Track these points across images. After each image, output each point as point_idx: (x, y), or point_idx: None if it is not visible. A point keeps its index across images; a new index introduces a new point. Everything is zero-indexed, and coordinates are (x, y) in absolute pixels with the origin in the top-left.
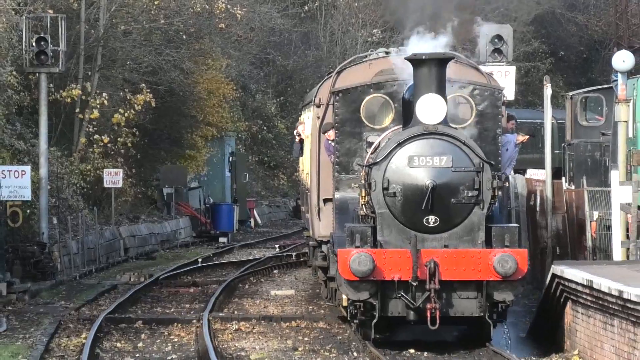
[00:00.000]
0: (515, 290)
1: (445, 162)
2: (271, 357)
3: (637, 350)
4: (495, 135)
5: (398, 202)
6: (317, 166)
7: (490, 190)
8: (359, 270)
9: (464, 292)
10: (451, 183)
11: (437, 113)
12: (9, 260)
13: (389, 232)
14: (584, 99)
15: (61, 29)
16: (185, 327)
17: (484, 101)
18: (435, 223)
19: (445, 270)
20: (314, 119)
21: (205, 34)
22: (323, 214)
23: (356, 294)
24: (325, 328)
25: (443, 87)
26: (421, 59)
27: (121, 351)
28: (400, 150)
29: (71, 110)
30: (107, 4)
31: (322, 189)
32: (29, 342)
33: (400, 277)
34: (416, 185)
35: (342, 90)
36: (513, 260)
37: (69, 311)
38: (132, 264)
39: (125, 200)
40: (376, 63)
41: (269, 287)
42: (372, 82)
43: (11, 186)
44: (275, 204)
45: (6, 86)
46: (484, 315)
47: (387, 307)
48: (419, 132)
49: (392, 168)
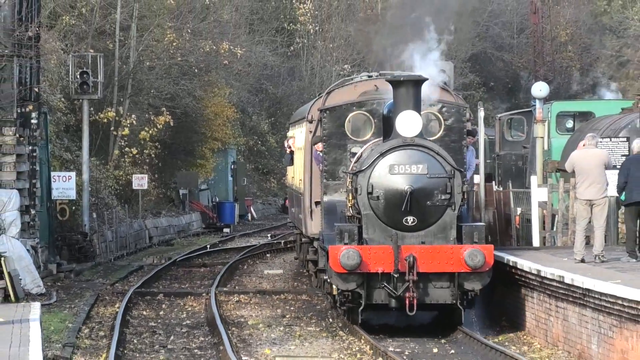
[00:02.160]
0: (482, 280)
1: (421, 169)
2: (265, 322)
3: (552, 317)
4: (461, 146)
5: (381, 204)
6: (309, 174)
7: (460, 194)
8: (347, 264)
9: (438, 282)
10: (427, 188)
11: (414, 127)
12: (58, 246)
13: (373, 231)
14: (509, 120)
15: (100, 65)
16: (197, 299)
17: (451, 117)
18: (413, 223)
19: (422, 264)
20: (307, 133)
21: (212, 69)
22: (314, 214)
23: (345, 285)
24: (307, 300)
25: (419, 104)
26: (400, 80)
27: (146, 318)
28: (383, 159)
29: (107, 128)
30: (135, 45)
31: (313, 193)
32: (74, 311)
33: (384, 270)
34: (396, 189)
35: (330, 108)
36: (481, 254)
37: (105, 286)
38: (155, 249)
39: (150, 199)
40: (361, 85)
41: (263, 267)
42: (355, 101)
43: (60, 188)
44: (267, 202)
45: (56, 109)
46: (455, 302)
47: (372, 296)
48: (399, 143)
49: (376, 175)
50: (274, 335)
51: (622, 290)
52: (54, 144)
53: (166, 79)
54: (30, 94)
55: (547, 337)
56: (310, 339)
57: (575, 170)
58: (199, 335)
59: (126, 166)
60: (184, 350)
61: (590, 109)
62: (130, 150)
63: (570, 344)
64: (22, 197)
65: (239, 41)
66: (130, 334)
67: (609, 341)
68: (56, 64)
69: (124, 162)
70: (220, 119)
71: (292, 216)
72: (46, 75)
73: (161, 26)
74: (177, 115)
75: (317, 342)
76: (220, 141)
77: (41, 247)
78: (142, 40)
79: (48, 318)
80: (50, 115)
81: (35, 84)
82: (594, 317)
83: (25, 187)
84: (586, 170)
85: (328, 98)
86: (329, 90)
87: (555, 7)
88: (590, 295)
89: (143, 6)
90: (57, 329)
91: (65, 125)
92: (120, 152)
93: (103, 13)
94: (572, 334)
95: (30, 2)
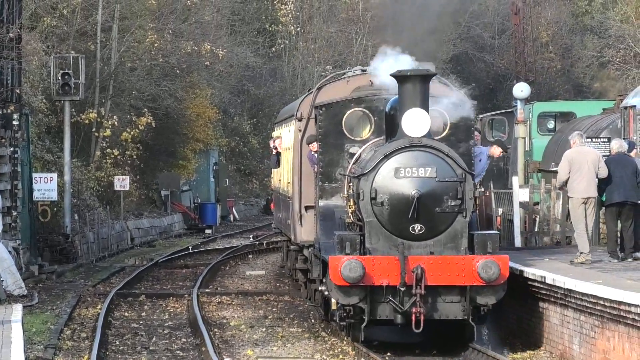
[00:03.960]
0: (497, 294)
1: (429, 173)
2: (247, 323)
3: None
4: (469, 146)
5: (385, 211)
6: (299, 176)
7: (472, 200)
8: (350, 276)
9: (448, 296)
10: (435, 193)
11: (421, 126)
12: (40, 247)
13: (377, 240)
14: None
15: (81, 66)
16: (179, 300)
17: (457, 114)
18: (421, 231)
19: (431, 276)
20: (296, 132)
21: (194, 70)
22: (305, 220)
23: (346, 299)
24: (290, 301)
25: (426, 102)
26: (406, 75)
27: (128, 319)
28: (387, 161)
29: (89, 129)
30: (117, 46)
31: (303, 197)
32: (56, 312)
33: (389, 283)
34: (402, 194)
35: (325, 104)
36: (496, 266)
37: (87, 288)
38: (137, 250)
39: (132, 200)
40: (353, 80)
41: (245, 268)
42: (353, 97)
43: (42, 189)
44: (249, 203)
45: (38, 111)
46: (467, 318)
47: (375, 311)
48: (405, 144)
49: (380, 179)
50: (256, 336)
51: (603, 290)
52: (36, 145)
53: (148, 80)
54: (12, 96)
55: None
56: (292, 340)
57: (571, 169)
58: (181, 336)
59: (108, 167)
60: (166, 351)
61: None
62: (112, 152)
63: (551, 344)
64: (4, 198)
65: (220, 42)
66: (112, 336)
67: (591, 341)
68: (38, 65)
69: (105, 164)
70: (202, 120)
71: (279, 222)
72: (28, 76)
73: (142, 27)
74: (158, 117)
75: (299, 343)
76: (202, 142)
77: (23, 249)
78: (124, 42)
79: (30, 319)
80: (31, 117)
81: (16, 85)
82: (575, 318)
83: (7, 188)
84: (584, 167)
85: (319, 94)
86: (320, 85)
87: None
88: (572, 296)
89: (124, 7)
90: (39, 330)
91: (46, 127)
92: (102, 153)
93: (84, 14)
94: (553, 334)
95: (12, 4)
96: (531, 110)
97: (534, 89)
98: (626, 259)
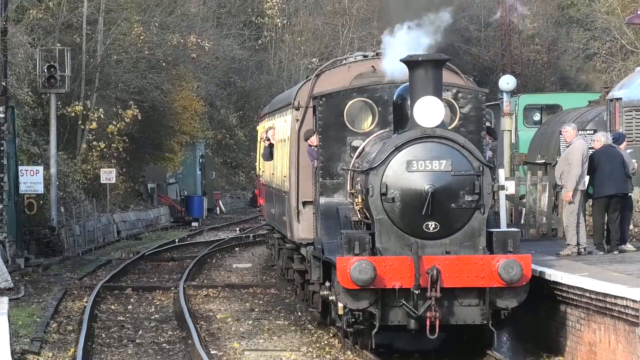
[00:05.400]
0: (519, 297)
1: (444, 166)
2: (233, 316)
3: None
4: (480, 138)
5: (397, 207)
6: (296, 169)
7: (490, 194)
8: (360, 278)
9: (466, 299)
10: (451, 187)
11: (435, 116)
12: (26, 240)
13: (388, 239)
14: None
15: (67, 59)
16: (165, 293)
17: (467, 104)
18: (435, 229)
19: (447, 278)
20: (293, 122)
21: (180, 62)
22: (302, 216)
23: (355, 303)
24: (276, 294)
25: (439, 89)
26: (417, 61)
27: (115, 312)
28: (398, 154)
29: (75, 122)
30: (103, 38)
31: (301, 191)
32: (42, 305)
33: (402, 285)
34: (415, 190)
35: (325, 94)
36: (519, 266)
37: (73, 281)
38: (123, 243)
39: (118, 193)
40: (355, 66)
41: (232, 261)
42: (355, 86)
43: (28, 182)
44: (236, 195)
45: (23, 103)
46: (486, 323)
47: (387, 316)
48: (417, 135)
49: (390, 173)
50: (243, 329)
51: (589, 283)
52: (22, 138)
53: (134, 73)
54: None
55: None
56: (278, 332)
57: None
58: (168, 329)
59: (94, 160)
60: (153, 344)
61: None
62: (98, 144)
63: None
64: None
65: (206, 35)
66: (99, 328)
67: (577, 334)
68: (23, 57)
69: (91, 156)
70: (188, 112)
71: (271, 218)
72: (13, 69)
73: (128, 20)
74: (145, 109)
75: (285, 336)
76: (189, 135)
77: (9, 242)
78: (110, 34)
79: (16, 312)
80: (17, 110)
81: (2, 78)
82: (562, 310)
83: None
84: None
85: (317, 81)
86: (319, 72)
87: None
88: (558, 288)
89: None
90: (25, 323)
91: (32, 120)
92: (88, 146)
93: (70, 7)
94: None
95: None
96: (517, 103)
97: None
98: (612, 251)
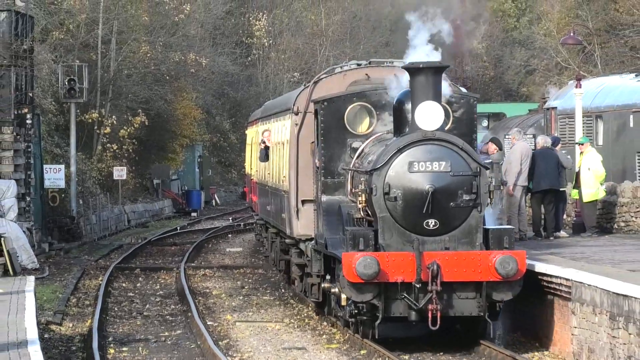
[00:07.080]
0: (513, 290)
1: (444, 167)
2: (227, 292)
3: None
4: (472, 140)
5: (399, 206)
6: (295, 170)
7: (487, 194)
8: (364, 273)
9: (463, 292)
10: (450, 187)
11: (434, 119)
12: (50, 228)
13: (390, 236)
14: None
15: (84, 73)
16: (169, 273)
17: (460, 108)
18: (435, 226)
19: (447, 272)
20: (292, 126)
21: (181, 76)
22: (302, 214)
23: (360, 296)
24: (263, 273)
25: (439, 94)
26: (418, 68)
27: (126, 289)
28: (400, 156)
29: (91, 127)
30: (115, 56)
31: (300, 191)
32: (63, 283)
33: (404, 279)
34: (416, 189)
35: (327, 99)
36: (514, 261)
37: (90, 262)
38: (133, 230)
39: (128, 187)
40: (350, 74)
41: (225, 245)
42: (355, 92)
43: (51, 178)
44: (229, 190)
45: (48, 111)
46: (483, 314)
47: (389, 308)
48: (418, 138)
49: (393, 173)
50: (235, 303)
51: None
52: (46, 140)
53: (142, 85)
54: (25, 98)
55: None
56: (265, 306)
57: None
58: (171, 303)
59: (108, 160)
60: (158, 316)
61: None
62: (111, 146)
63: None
64: (19, 186)
65: (204, 53)
66: (112, 303)
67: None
68: (47, 72)
69: (105, 156)
70: (188, 119)
71: (266, 214)
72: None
73: (137, 40)
74: (151, 116)
75: (271, 309)
76: (188, 138)
77: (35, 229)
78: (121, 52)
79: (41, 289)
80: (42, 117)
81: (29, 89)
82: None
83: (22, 177)
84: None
85: (315, 88)
86: (317, 79)
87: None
88: None
89: (121, 23)
90: (49, 298)
91: (55, 125)
92: (103, 147)
93: (87, 29)
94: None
95: (25, 20)
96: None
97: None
98: (549, 237)
